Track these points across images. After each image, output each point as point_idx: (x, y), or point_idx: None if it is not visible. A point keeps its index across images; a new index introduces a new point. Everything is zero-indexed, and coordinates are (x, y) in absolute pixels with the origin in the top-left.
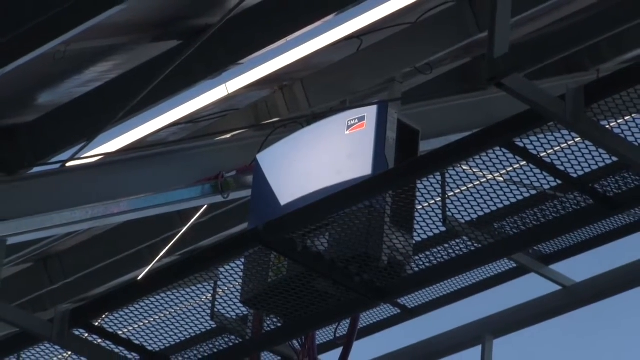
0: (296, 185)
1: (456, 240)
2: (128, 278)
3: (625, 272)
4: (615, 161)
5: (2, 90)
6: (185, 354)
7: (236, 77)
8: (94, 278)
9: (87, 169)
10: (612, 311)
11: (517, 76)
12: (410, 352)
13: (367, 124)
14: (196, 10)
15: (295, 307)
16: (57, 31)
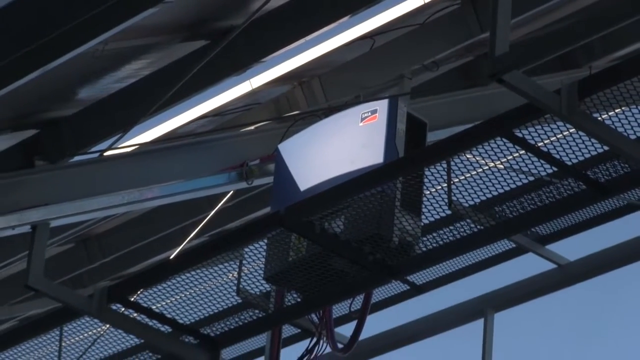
0: (314, 173)
1: (460, 223)
2: (161, 257)
3: (616, 251)
4: (606, 150)
5: (46, 85)
6: (213, 327)
7: (259, 74)
8: (129, 258)
9: (123, 158)
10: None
11: (517, 73)
12: (418, 325)
13: (379, 116)
14: (222, 13)
15: (314, 284)
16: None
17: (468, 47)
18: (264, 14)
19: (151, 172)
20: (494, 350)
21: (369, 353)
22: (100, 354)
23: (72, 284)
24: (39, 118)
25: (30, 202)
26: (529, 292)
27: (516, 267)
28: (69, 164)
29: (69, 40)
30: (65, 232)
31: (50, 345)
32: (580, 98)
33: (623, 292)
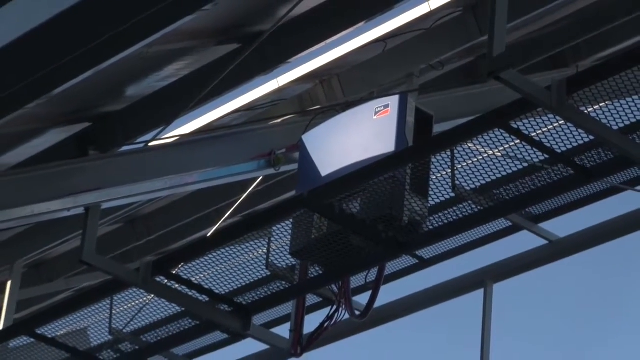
0: (334, 160)
1: (463, 204)
2: (199, 235)
3: (601, 228)
4: (592, 139)
5: (98, 83)
6: (245, 296)
7: (285, 74)
8: (171, 235)
9: (165, 148)
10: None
11: (512, 71)
12: (426, 294)
13: (390, 110)
14: (252, 20)
15: (334, 258)
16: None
17: (469, 49)
18: (289, 20)
19: (190, 160)
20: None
21: (383, 319)
22: (146, 320)
23: (121, 259)
24: (92, 113)
25: (84, 186)
26: (523, 264)
27: (512, 243)
28: (118, 153)
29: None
30: (115, 213)
31: (102, 313)
32: (568, 93)
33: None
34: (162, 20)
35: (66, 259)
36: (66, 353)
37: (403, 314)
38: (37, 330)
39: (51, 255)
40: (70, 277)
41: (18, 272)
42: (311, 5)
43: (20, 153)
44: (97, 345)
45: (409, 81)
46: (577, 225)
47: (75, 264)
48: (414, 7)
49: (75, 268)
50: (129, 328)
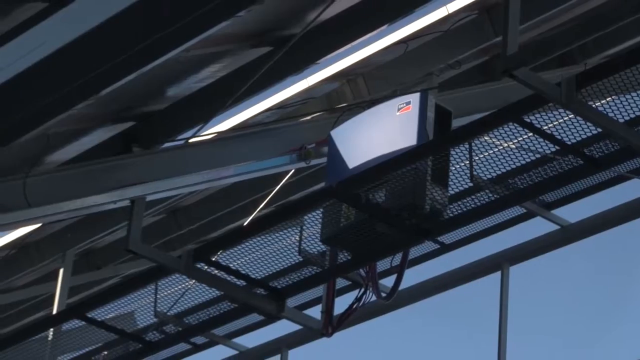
0: (360, 153)
1: (480, 193)
2: (236, 224)
3: (609, 214)
4: (599, 132)
5: (141, 85)
6: (280, 280)
7: (314, 74)
8: (210, 225)
9: (204, 144)
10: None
11: (525, 69)
12: (447, 277)
13: (412, 107)
14: (283, 24)
15: (361, 244)
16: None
17: (484, 49)
18: (317, 24)
19: (227, 155)
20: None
21: (407, 300)
22: (188, 304)
23: (164, 247)
24: (136, 112)
25: (129, 181)
26: (537, 248)
27: (526, 228)
28: (160, 149)
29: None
30: (158, 205)
31: (147, 297)
32: (577, 89)
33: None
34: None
35: (114, 247)
36: (115, 334)
37: (426, 296)
38: (87, 314)
39: (100, 244)
40: (117, 264)
41: (69, 260)
42: (337, 10)
43: (70, 150)
44: (143, 327)
45: (429, 79)
46: (586, 211)
47: (122, 253)
48: (433, 11)
49: (122, 256)
50: (173, 311)
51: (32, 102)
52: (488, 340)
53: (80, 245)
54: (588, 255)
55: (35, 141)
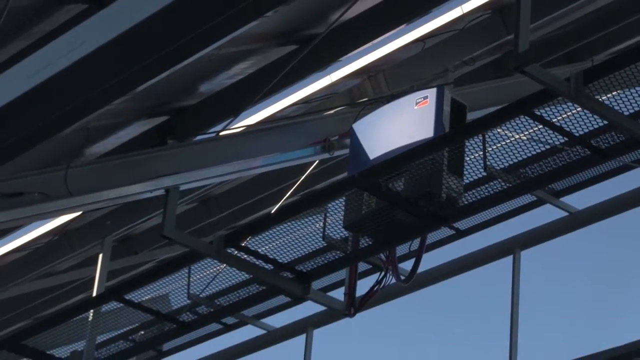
0: (380, 145)
1: (493, 182)
2: (264, 212)
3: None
4: (605, 124)
5: (175, 81)
6: (305, 264)
7: (337, 70)
8: (240, 213)
9: (234, 137)
10: None
11: (535, 65)
12: (462, 261)
13: (429, 101)
14: (307, 24)
15: (382, 230)
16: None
17: (497, 46)
18: (340, 24)
19: (256, 146)
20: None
21: (425, 282)
22: (219, 286)
23: (196, 234)
24: (170, 107)
25: (164, 171)
26: (547, 233)
27: (537, 215)
28: (193, 142)
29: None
30: (191, 194)
31: (181, 280)
32: (585, 84)
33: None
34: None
35: (150, 234)
36: (150, 315)
37: (442, 279)
38: (125, 296)
39: (137, 231)
40: (153, 249)
41: (108, 246)
42: (359, 10)
43: (108, 143)
44: (177, 308)
45: (445, 75)
46: (593, 199)
47: (158, 239)
48: (448, 11)
49: (157, 242)
50: (205, 293)
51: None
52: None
53: (119, 232)
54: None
55: (76, 134)
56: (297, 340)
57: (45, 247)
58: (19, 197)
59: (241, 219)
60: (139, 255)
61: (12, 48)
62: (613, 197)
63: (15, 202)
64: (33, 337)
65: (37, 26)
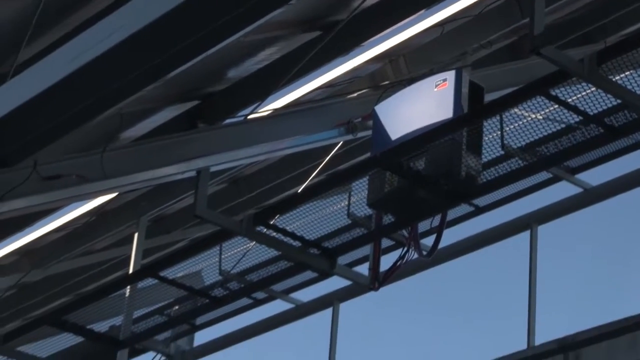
0: (401, 126)
1: (511, 160)
2: (292, 191)
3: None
4: (619, 103)
5: (205, 67)
6: (331, 241)
7: (359, 55)
8: (268, 192)
9: (261, 120)
10: None
11: (550, 47)
12: (481, 236)
13: (448, 83)
14: (330, 11)
15: (404, 208)
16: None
17: (513, 30)
18: (362, 10)
19: (282, 129)
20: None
21: (446, 257)
22: (249, 263)
23: (227, 213)
24: (200, 92)
25: (195, 154)
26: (563, 209)
27: (553, 191)
28: (222, 125)
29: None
30: (221, 175)
31: (212, 257)
32: (598, 64)
33: None
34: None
35: (182, 213)
36: (184, 291)
37: (462, 254)
38: (160, 273)
39: (170, 211)
40: (185, 228)
41: (143, 225)
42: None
43: (141, 128)
44: (209, 284)
45: (463, 58)
46: (607, 175)
47: (190, 218)
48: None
49: (189, 221)
50: (236, 269)
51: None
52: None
53: (153, 212)
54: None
55: (111, 120)
56: (324, 313)
57: (83, 227)
58: (58, 180)
59: (269, 198)
60: (172, 234)
61: (48, 37)
62: (626, 173)
63: (54, 184)
64: (73, 313)
65: (72, 16)
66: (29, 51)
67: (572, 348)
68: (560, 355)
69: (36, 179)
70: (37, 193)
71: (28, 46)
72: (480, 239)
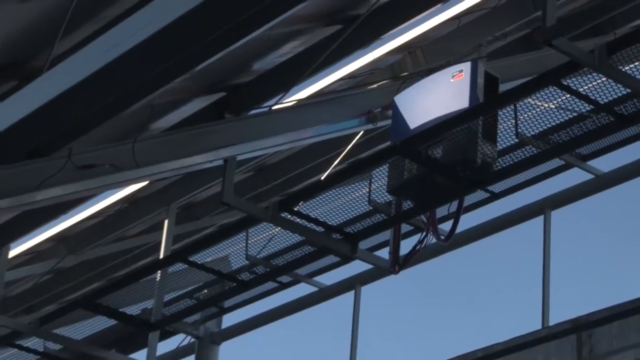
0: (420, 115)
1: (525, 147)
2: (315, 179)
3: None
4: (628, 92)
5: (231, 60)
6: (353, 226)
7: (379, 47)
8: (293, 180)
9: (285, 110)
10: None
11: (562, 39)
12: (496, 221)
13: (464, 74)
14: (350, 5)
15: (422, 194)
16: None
17: (526, 22)
18: (380, 4)
19: (305, 119)
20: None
21: (463, 242)
22: (274, 248)
23: (253, 200)
24: (226, 84)
25: (222, 143)
26: (575, 195)
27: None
28: (248, 115)
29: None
30: (247, 164)
31: (239, 243)
32: (608, 55)
33: None
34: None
35: (210, 201)
36: (212, 275)
37: (478, 238)
38: (189, 258)
39: (198, 198)
40: (213, 215)
41: (173, 212)
42: None
43: (170, 118)
44: (236, 268)
45: (479, 50)
46: (618, 162)
47: (218, 205)
48: None
49: (217, 208)
50: (261, 254)
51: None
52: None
53: (182, 199)
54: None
55: (142, 111)
56: (346, 296)
57: (116, 214)
58: (92, 169)
59: (294, 185)
60: (201, 221)
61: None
62: (636, 159)
63: (88, 173)
64: (106, 296)
65: (104, 11)
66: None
67: (585, 328)
68: (573, 334)
69: (71, 168)
70: (71, 182)
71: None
72: (496, 224)
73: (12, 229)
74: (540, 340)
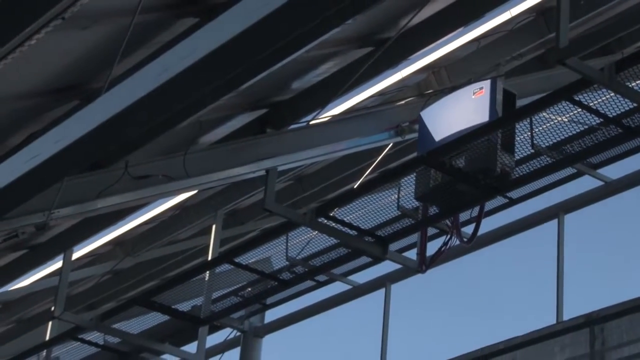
0: (444, 129)
1: (540, 157)
2: (348, 187)
3: None
4: (635, 106)
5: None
6: (384, 230)
7: (406, 67)
8: (328, 188)
9: (322, 125)
10: None
11: (574, 58)
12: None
13: (484, 91)
14: (381, 29)
15: (447, 200)
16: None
17: (541, 43)
18: (408, 28)
19: (340, 132)
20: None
21: (484, 244)
22: (312, 250)
23: (292, 206)
24: (268, 101)
25: (264, 155)
26: (586, 200)
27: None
28: (288, 130)
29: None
30: (287, 174)
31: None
32: (617, 72)
33: None
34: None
35: (254, 207)
36: (256, 275)
37: (497, 240)
38: (235, 259)
39: (243, 205)
40: (257, 220)
41: (220, 218)
42: (424, 16)
43: (218, 132)
44: (277, 268)
45: (497, 69)
46: (626, 170)
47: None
48: (499, 15)
49: (260, 214)
50: (300, 256)
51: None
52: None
53: (228, 206)
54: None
55: (191, 126)
56: (378, 293)
57: (168, 220)
58: (146, 179)
59: (329, 193)
60: (245, 225)
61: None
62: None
63: (143, 183)
64: (160, 295)
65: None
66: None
67: (597, 322)
68: (586, 328)
69: (128, 179)
70: (128, 191)
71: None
72: (514, 227)
73: (75, 234)
74: (556, 334)
